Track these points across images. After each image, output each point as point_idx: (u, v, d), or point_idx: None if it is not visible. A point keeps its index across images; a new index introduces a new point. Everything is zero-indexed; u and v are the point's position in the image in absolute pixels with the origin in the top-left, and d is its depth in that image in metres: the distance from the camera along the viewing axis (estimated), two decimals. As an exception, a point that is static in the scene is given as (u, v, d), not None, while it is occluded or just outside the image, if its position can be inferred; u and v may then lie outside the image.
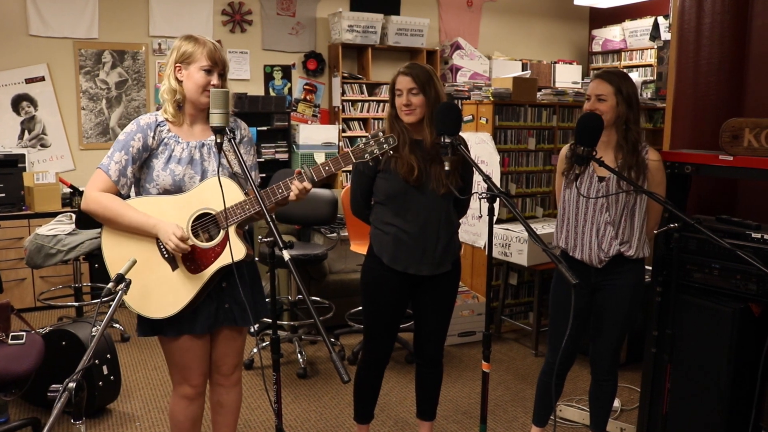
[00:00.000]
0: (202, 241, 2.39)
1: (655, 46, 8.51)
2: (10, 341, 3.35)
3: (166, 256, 2.40)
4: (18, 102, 6.44)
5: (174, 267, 2.40)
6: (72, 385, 1.67)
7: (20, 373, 3.18)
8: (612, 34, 9.21)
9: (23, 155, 6.09)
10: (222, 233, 2.38)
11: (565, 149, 3.12)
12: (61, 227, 4.93)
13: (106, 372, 3.78)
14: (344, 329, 4.99)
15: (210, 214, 2.39)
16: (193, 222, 2.39)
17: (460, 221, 3.12)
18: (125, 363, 4.53)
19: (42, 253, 4.81)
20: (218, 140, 2.27)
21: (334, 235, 5.22)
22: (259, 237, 2.08)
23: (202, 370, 2.61)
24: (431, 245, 2.91)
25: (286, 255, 1.98)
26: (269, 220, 2.07)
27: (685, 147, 3.58)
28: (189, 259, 2.39)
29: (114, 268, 2.40)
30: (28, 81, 6.46)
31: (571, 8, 9.26)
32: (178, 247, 2.31)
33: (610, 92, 2.86)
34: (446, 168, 2.56)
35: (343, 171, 7.54)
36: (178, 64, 2.43)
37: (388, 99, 2.95)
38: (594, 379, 3.18)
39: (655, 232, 2.62)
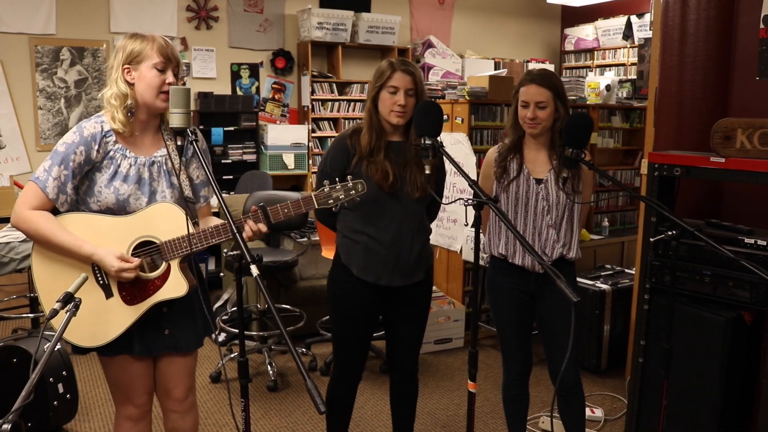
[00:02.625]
0: (144, 269, 2.18)
1: (628, 45, 8.46)
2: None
3: (101, 282, 2.18)
4: (-31, 101, 6.13)
5: (108, 295, 2.18)
6: (6, 427, 1.45)
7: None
8: (584, 33, 9.14)
9: (-25, 157, 5.78)
10: (165, 265, 2.17)
11: (492, 152, 2.97)
12: (14, 234, 4.64)
13: (61, 390, 3.52)
14: (316, 338, 4.79)
15: (153, 243, 2.18)
16: (133, 250, 2.18)
17: (431, 225, 2.94)
18: (84, 377, 4.27)
19: (-5, 261, 4.52)
20: (178, 143, 2.07)
21: (305, 239, 5.02)
22: (225, 250, 1.87)
23: (145, 389, 2.40)
24: (404, 254, 2.72)
25: (254, 271, 1.79)
26: (235, 233, 1.87)
27: (669, 148, 3.46)
28: (126, 289, 2.18)
29: (44, 286, 2.18)
30: (-20, 79, 6.15)
31: (544, 6, 9.18)
32: (122, 275, 2.11)
33: (550, 98, 2.73)
34: (427, 172, 2.39)
35: (313, 173, 7.34)
36: (126, 66, 2.18)
37: (369, 92, 2.71)
38: (561, 395, 2.94)
39: (652, 239, 2.46)
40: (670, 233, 2.30)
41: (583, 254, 3.12)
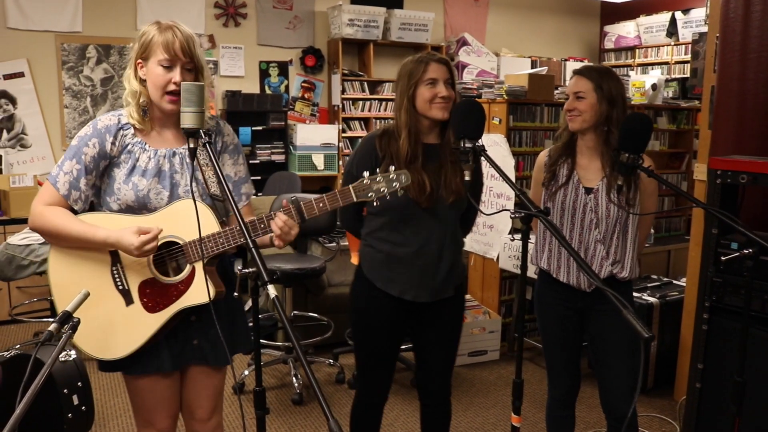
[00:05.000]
0: (168, 273, 1.98)
1: (672, 43, 8.10)
2: (-39, 373, 2.94)
3: (120, 287, 1.99)
4: (-5, 99, 6.04)
5: (129, 301, 1.99)
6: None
7: (-31, 413, 2.76)
8: (625, 30, 8.79)
9: (0, 156, 5.66)
10: (189, 268, 1.97)
11: (543, 156, 2.73)
12: (34, 236, 4.50)
13: (76, 402, 3.35)
14: (344, 348, 4.57)
15: (177, 243, 1.98)
16: (156, 252, 1.98)
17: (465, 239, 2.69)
18: (102, 385, 4.11)
19: (13, 264, 4.39)
20: (191, 145, 1.85)
21: (333, 245, 4.80)
22: (238, 268, 1.66)
23: (169, 412, 2.21)
24: (431, 267, 2.48)
25: (271, 292, 1.57)
26: (252, 247, 1.65)
27: (728, 152, 3.17)
28: (146, 294, 1.99)
29: (60, 294, 2.01)
30: (7, 77, 6.05)
31: (582, 3, 8.87)
32: (146, 248, 1.90)
33: (590, 89, 2.50)
34: (467, 178, 2.15)
35: (343, 174, 7.13)
36: (139, 60, 2.01)
37: (403, 91, 2.45)
38: (609, 422, 2.71)
39: (723, 258, 2.19)
40: (746, 251, 2.01)
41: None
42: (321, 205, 1.95)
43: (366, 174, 1.95)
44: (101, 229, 1.95)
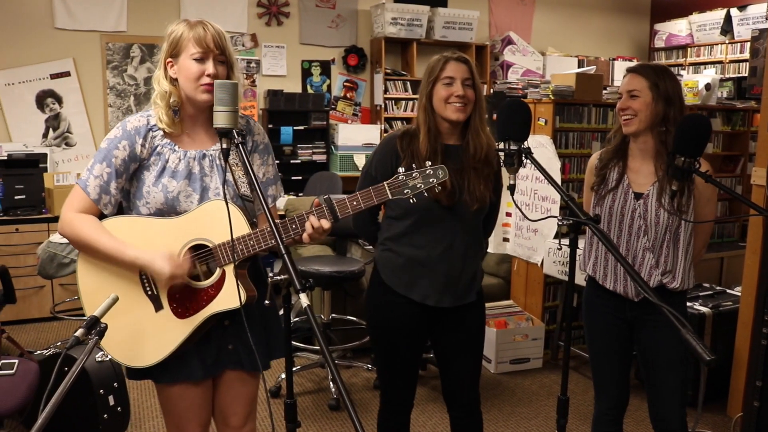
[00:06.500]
0: (198, 277, 1.92)
1: (726, 41, 7.81)
2: (-1, 371, 2.94)
3: (150, 293, 1.94)
4: (42, 98, 6.12)
5: (158, 307, 1.93)
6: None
7: (3, 412, 2.76)
8: (677, 28, 8.51)
9: (45, 155, 5.72)
10: (219, 272, 1.90)
11: (594, 158, 2.60)
12: (75, 235, 4.52)
13: (112, 403, 3.34)
14: (382, 352, 4.48)
15: (207, 246, 1.92)
16: (185, 255, 1.93)
17: (491, 238, 2.59)
18: (137, 387, 4.09)
19: (55, 262, 4.41)
20: (223, 145, 1.79)
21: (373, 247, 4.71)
22: (271, 274, 1.58)
23: (200, 420, 2.15)
24: (455, 272, 2.40)
25: (303, 301, 1.49)
26: (284, 253, 1.58)
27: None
28: (176, 300, 1.92)
29: (89, 299, 1.96)
30: (53, 76, 6.13)
31: (632, 0, 8.61)
32: (176, 279, 1.85)
33: (644, 87, 2.36)
34: (511, 182, 2.05)
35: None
36: (169, 60, 1.97)
37: (422, 90, 2.40)
38: None
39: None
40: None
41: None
42: (355, 203, 1.86)
43: (401, 170, 1.86)
44: (130, 248, 1.90)
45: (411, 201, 1.87)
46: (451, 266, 2.39)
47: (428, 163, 1.88)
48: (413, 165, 2.28)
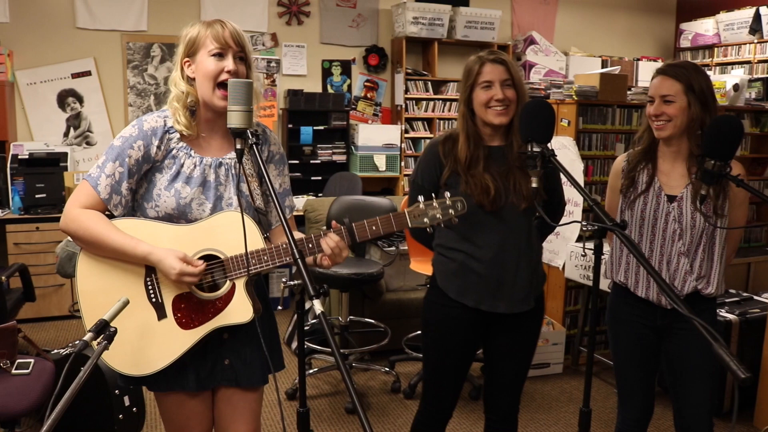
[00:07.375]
0: (203, 288, 1.88)
1: (755, 40, 7.65)
2: (14, 371, 2.93)
3: (153, 300, 1.89)
4: (64, 98, 6.14)
5: (161, 316, 1.89)
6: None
7: (18, 412, 2.74)
8: (704, 27, 8.35)
9: (65, 153, 5.73)
10: (228, 284, 1.86)
11: (620, 161, 2.52)
12: (94, 234, 4.52)
13: (127, 403, 3.32)
14: (401, 356, 4.43)
15: (218, 258, 1.87)
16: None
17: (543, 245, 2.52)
18: (157, 387, 4.07)
19: (73, 261, 4.39)
20: (238, 146, 1.74)
21: (393, 249, 4.67)
22: (284, 279, 1.53)
23: (200, 428, 2.09)
24: (509, 276, 2.33)
25: (317, 307, 1.44)
26: (298, 258, 1.53)
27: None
28: (181, 310, 1.88)
29: (88, 302, 1.92)
30: (75, 76, 6.15)
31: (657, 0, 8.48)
32: (183, 279, 1.80)
33: (679, 91, 2.25)
34: (534, 185, 1.98)
35: (405, 175, 7.00)
36: (186, 59, 1.93)
37: (461, 95, 2.35)
38: None
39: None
40: None
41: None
42: (374, 228, 1.86)
43: (421, 199, 1.88)
44: (143, 244, 1.84)
45: (428, 231, 1.91)
46: (503, 269, 2.33)
47: (447, 194, 1.90)
48: (456, 171, 2.28)
